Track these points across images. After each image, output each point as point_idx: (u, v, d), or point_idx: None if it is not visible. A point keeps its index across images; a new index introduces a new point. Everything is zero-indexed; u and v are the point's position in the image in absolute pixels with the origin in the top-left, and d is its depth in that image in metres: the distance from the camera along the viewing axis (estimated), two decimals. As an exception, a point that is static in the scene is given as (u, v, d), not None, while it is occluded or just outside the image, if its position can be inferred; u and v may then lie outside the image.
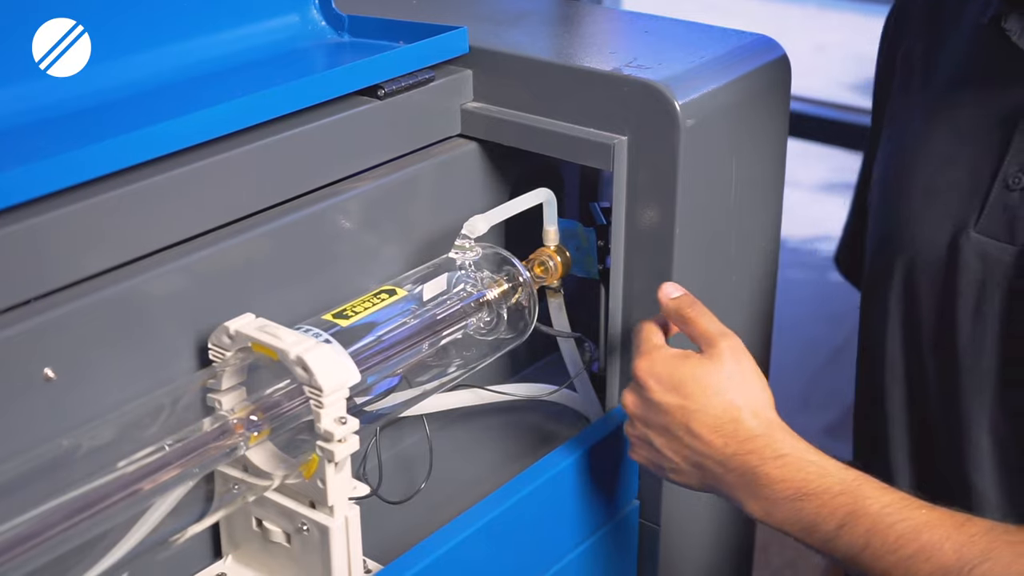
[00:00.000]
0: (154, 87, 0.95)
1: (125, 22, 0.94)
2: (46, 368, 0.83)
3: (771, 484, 0.87)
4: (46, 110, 0.89)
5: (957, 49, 1.08)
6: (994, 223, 1.00)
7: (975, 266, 1.01)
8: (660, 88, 0.98)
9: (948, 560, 0.82)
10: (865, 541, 0.84)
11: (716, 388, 0.90)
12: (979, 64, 1.06)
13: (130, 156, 0.85)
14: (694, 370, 0.91)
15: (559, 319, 1.12)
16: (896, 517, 0.84)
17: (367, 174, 1.02)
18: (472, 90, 1.08)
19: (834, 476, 0.87)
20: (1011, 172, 0.99)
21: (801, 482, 0.87)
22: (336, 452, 0.86)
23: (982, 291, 1.01)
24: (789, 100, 1.10)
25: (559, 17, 1.20)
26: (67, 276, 0.84)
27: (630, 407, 0.94)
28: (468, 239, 1.02)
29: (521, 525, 0.99)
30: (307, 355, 0.85)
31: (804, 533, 0.87)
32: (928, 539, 0.83)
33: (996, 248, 1.00)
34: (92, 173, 0.83)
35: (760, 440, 0.88)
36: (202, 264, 0.90)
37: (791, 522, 0.87)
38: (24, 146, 0.85)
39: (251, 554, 0.96)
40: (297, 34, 1.06)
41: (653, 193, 1.00)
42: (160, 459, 0.81)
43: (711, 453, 0.89)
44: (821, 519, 0.86)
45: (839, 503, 0.85)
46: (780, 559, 2.57)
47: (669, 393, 0.91)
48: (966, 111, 1.05)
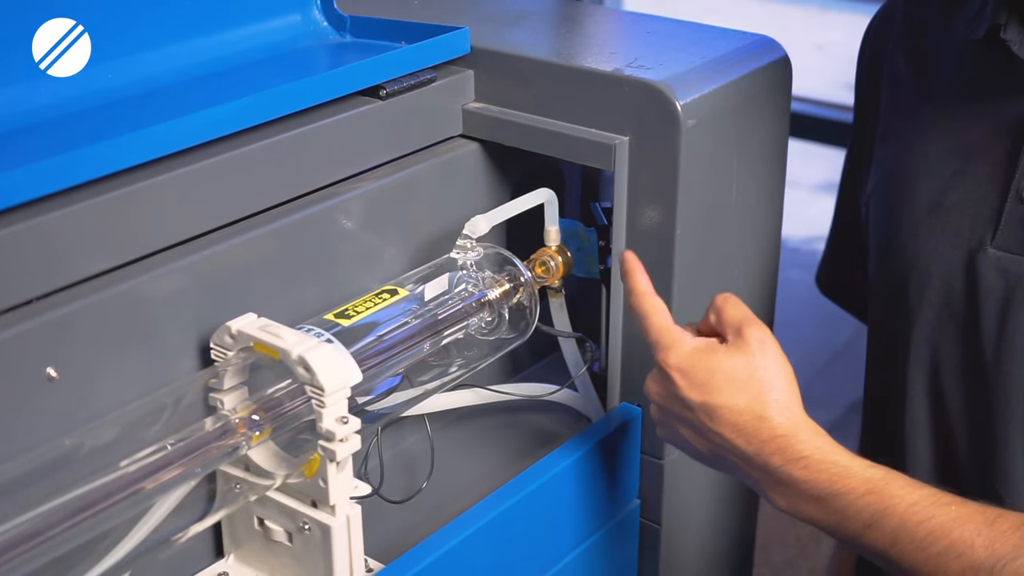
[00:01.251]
0: (157, 87, 0.94)
1: (126, 22, 0.94)
2: (48, 368, 0.83)
3: (794, 484, 0.86)
4: (47, 110, 0.89)
5: (951, 65, 1.07)
6: (1012, 237, 0.99)
7: (996, 283, 1.00)
8: (661, 88, 0.97)
9: (979, 557, 0.80)
10: (893, 539, 0.83)
11: (742, 384, 0.88)
12: (978, 78, 1.04)
13: (133, 156, 0.85)
14: (720, 364, 0.88)
15: (560, 319, 1.12)
16: (924, 515, 0.82)
17: (369, 174, 1.02)
18: (474, 90, 1.08)
19: (859, 476, 0.85)
20: (1023, 185, 0.99)
21: (825, 483, 0.85)
22: (338, 451, 0.86)
23: (1006, 308, 1.00)
24: (790, 100, 1.10)
25: (560, 17, 1.20)
26: (70, 276, 0.84)
27: (653, 396, 0.92)
28: (470, 239, 1.02)
29: (522, 524, 0.99)
30: (309, 355, 0.85)
31: (831, 530, 0.86)
32: (959, 536, 0.81)
33: (1016, 263, 0.99)
34: (95, 173, 0.83)
35: (783, 440, 0.87)
36: (204, 264, 0.90)
37: (817, 519, 0.86)
38: (26, 146, 0.85)
39: (253, 553, 0.96)
40: (299, 34, 1.06)
41: (654, 193, 1.00)
42: (162, 458, 0.81)
43: (733, 450, 0.88)
44: (847, 518, 0.84)
45: (865, 503, 0.84)
46: (781, 557, 2.57)
47: (694, 389, 0.89)
48: (968, 126, 1.04)
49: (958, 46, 1.06)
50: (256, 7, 1.03)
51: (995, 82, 1.02)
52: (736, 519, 1.22)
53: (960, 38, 1.06)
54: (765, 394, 0.88)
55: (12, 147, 0.84)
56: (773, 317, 1.18)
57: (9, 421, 0.81)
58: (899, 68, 1.12)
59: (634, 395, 1.07)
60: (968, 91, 1.05)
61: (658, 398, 0.92)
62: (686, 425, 0.91)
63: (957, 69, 1.06)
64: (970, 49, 1.04)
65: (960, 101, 1.06)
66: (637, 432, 1.07)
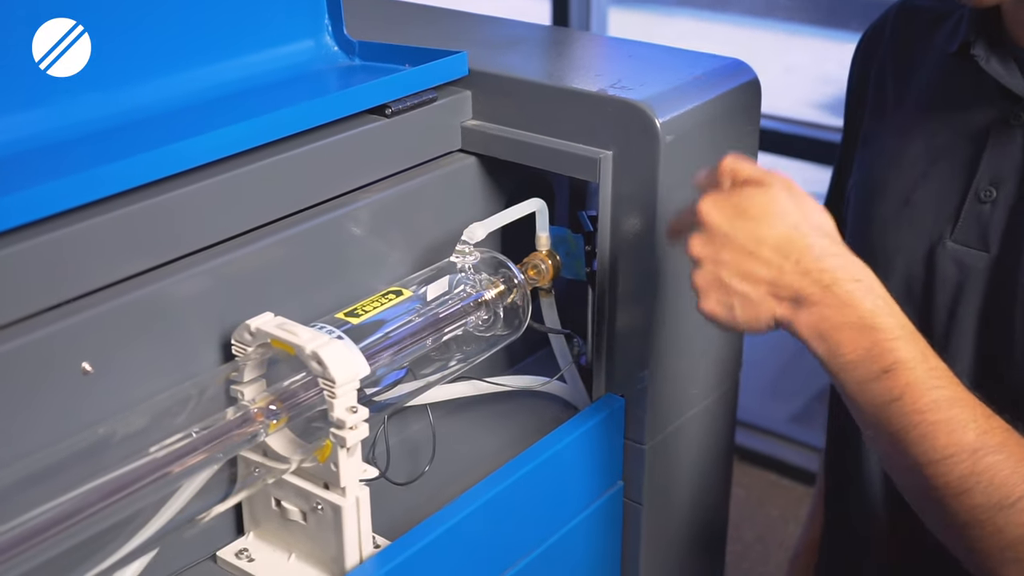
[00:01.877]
0: (184, 106, 0.95)
1: (158, 49, 0.94)
2: (84, 362, 0.83)
3: (839, 306, 0.80)
4: (85, 125, 0.90)
5: (929, 74, 1.08)
6: (968, 233, 1.00)
7: (952, 272, 1.01)
8: (642, 107, 0.98)
9: (968, 439, 0.78)
10: (900, 393, 0.79)
11: (780, 211, 0.82)
12: (950, 88, 1.05)
13: (161, 168, 0.85)
14: (754, 196, 0.82)
15: (550, 317, 1.12)
16: (936, 383, 0.79)
17: (376, 185, 1.02)
18: (471, 109, 1.08)
19: (898, 318, 0.80)
20: (982, 186, 0.99)
21: (868, 312, 0.79)
22: (348, 438, 0.86)
23: (959, 295, 1.01)
24: (759, 118, 1.10)
25: (550, 42, 1.20)
26: (103, 279, 0.84)
27: (697, 250, 0.84)
28: (468, 244, 1.02)
29: (517, 504, 0.99)
30: (321, 350, 0.85)
31: (849, 366, 0.80)
32: (957, 414, 0.79)
33: (971, 256, 1.00)
34: (127, 184, 0.83)
35: (838, 260, 0.81)
36: (225, 268, 0.90)
37: (841, 351, 0.80)
38: (66, 160, 0.85)
39: (271, 531, 0.96)
40: (312, 58, 1.06)
41: (636, 203, 1.00)
42: (188, 445, 0.81)
43: (800, 261, 0.81)
44: (871, 357, 0.79)
45: (892, 347, 0.79)
46: (751, 533, 2.57)
47: (736, 220, 0.82)
48: (938, 131, 1.05)
49: (937, 58, 1.07)
50: (274, 34, 1.03)
51: (964, 92, 1.03)
52: (711, 499, 1.22)
53: (939, 51, 1.07)
54: (806, 220, 0.82)
55: (54, 160, 0.84)
56: (744, 315, 1.18)
57: (49, 411, 0.82)
58: (885, 77, 1.13)
59: (618, 386, 1.07)
60: (941, 99, 1.06)
61: (701, 248, 0.84)
62: (734, 264, 0.82)
63: (933, 79, 1.07)
64: (946, 61, 1.06)
65: (933, 108, 1.06)
66: (621, 419, 1.07)
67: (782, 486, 2.70)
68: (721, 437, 1.20)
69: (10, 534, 0.71)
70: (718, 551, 1.29)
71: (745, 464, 2.75)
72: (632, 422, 1.07)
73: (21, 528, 0.72)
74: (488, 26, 1.22)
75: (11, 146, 0.85)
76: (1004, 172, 0.99)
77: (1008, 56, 0.99)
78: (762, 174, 0.85)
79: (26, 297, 0.80)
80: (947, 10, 1.09)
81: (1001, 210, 0.98)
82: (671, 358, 1.07)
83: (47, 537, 0.73)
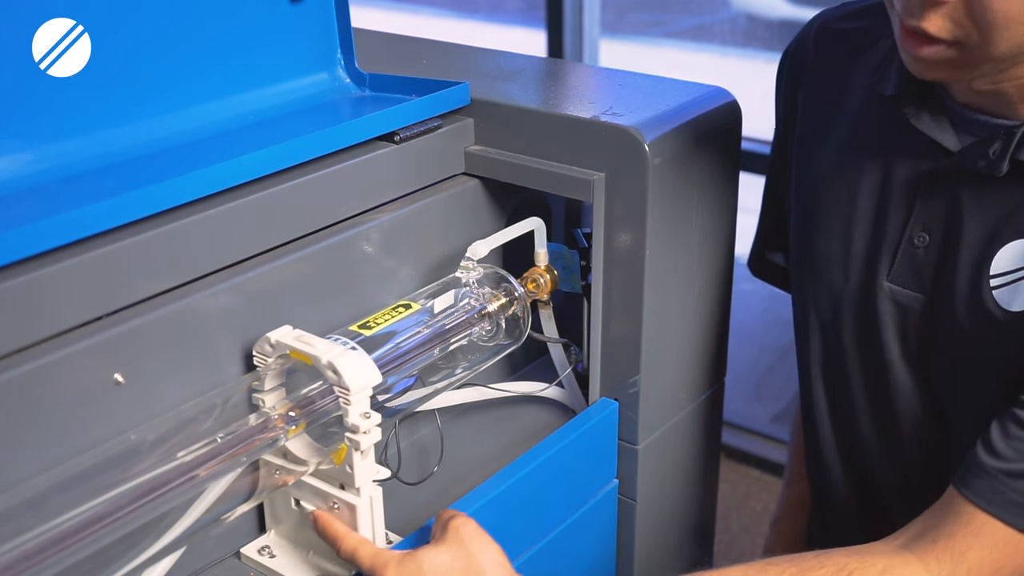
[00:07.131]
0: (208, 135, 0.95)
1: (187, 83, 0.95)
2: (116, 374, 0.83)
3: None
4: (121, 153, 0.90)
5: (859, 108, 1.02)
6: (903, 275, 0.98)
7: (891, 310, 1.00)
8: (632, 132, 0.98)
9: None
10: None
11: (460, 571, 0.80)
12: (884, 131, 1.00)
13: (189, 192, 0.85)
14: (434, 560, 0.81)
15: (549, 327, 1.12)
16: None
17: (386, 207, 1.02)
18: (474, 135, 1.08)
19: None
20: (915, 232, 0.97)
21: None
22: (362, 442, 0.85)
23: (896, 332, 1.00)
24: (740, 140, 1.10)
25: (546, 73, 1.21)
26: (134, 295, 0.84)
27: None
28: (472, 260, 1.02)
29: (519, 501, 0.98)
30: (337, 360, 0.85)
31: None
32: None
33: (907, 297, 0.98)
34: (159, 206, 0.84)
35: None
36: (247, 284, 0.90)
37: None
38: (102, 186, 0.85)
39: (291, 529, 0.96)
40: (326, 89, 1.06)
41: (627, 220, 1.00)
42: (213, 449, 0.81)
43: None
44: None
45: None
46: (738, 524, 2.57)
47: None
48: (872, 169, 1.00)
49: (867, 94, 1.02)
50: (290, 68, 1.03)
51: (896, 140, 0.98)
52: (699, 494, 1.22)
53: (863, 85, 1.02)
54: (483, 572, 0.81)
55: (89, 186, 0.84)
56: (728, 323, 1.18)
57: (84, 419, 0.81)
58: (815, 105, 1.08)
59: (612, 391, 1.07)
60: (875, 139, 1.01)
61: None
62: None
63: (866, 116, 1.02)
64: (873, 101, 1.00)
65: (866, 148, 1.01)
66: (615, 422, 1.07)
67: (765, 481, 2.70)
68: (708, 437, 1.20)
69: (50, 533, 0.71)
70: (707, 542, 1.28)
71: (731, 461, 2.75)
72: (625, 424, 1.07)
73: (60, 528, 0.72)
74: (488, 58, 1.22)
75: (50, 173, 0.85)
76: (935, 219, 0.95)
77: (938, 109, 0.94)
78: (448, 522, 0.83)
79: (63, 313, 0.79)
80: (870, 35, 1.03)
81: (933, 254, 0.96)
82: (661, 364, 1.07)
83: (84, 536, 0.73)
